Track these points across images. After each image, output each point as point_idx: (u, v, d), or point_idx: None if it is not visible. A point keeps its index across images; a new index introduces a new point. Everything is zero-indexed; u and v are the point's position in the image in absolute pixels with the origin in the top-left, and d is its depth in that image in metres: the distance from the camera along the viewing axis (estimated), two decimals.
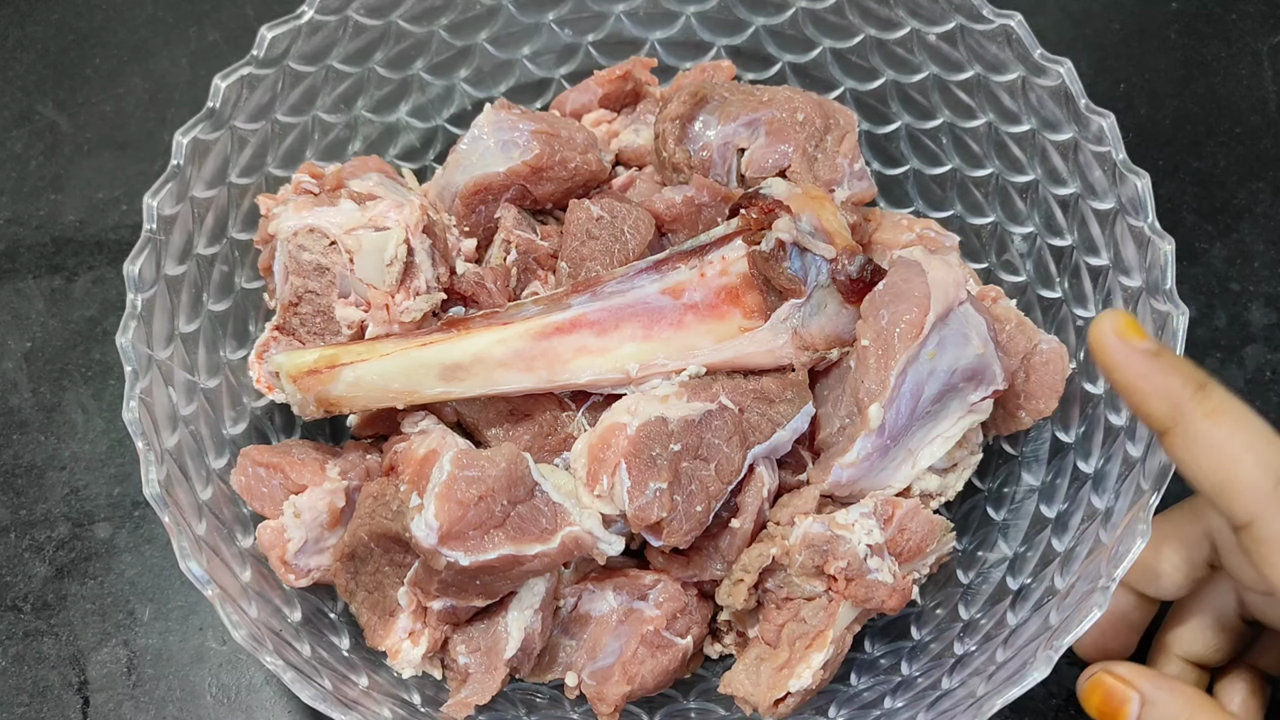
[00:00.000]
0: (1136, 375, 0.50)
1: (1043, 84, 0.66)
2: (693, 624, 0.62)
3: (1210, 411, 0.49)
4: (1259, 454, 0.48)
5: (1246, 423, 0.49)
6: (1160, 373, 0.50)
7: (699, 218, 0.67)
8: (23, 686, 0.71)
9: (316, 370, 0.60)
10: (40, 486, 0.76)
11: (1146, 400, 0.50)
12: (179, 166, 0.63)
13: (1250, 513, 0.47)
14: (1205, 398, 0.49)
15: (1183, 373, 0.50)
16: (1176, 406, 0.49)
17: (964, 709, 0.56)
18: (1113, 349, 0.51)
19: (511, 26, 0.77)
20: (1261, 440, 0.48)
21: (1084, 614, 0.54)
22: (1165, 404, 0.49)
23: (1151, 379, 0.50)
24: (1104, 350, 0.51)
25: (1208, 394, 0.49)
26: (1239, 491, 0.48)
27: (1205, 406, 0.49)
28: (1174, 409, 0.49)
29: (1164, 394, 0.49)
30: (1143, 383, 0.50)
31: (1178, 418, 0.49)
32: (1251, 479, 0.47)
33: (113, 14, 0.91)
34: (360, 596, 0.61)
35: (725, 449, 0.59)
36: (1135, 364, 0.50)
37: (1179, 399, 0.49)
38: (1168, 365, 0.50)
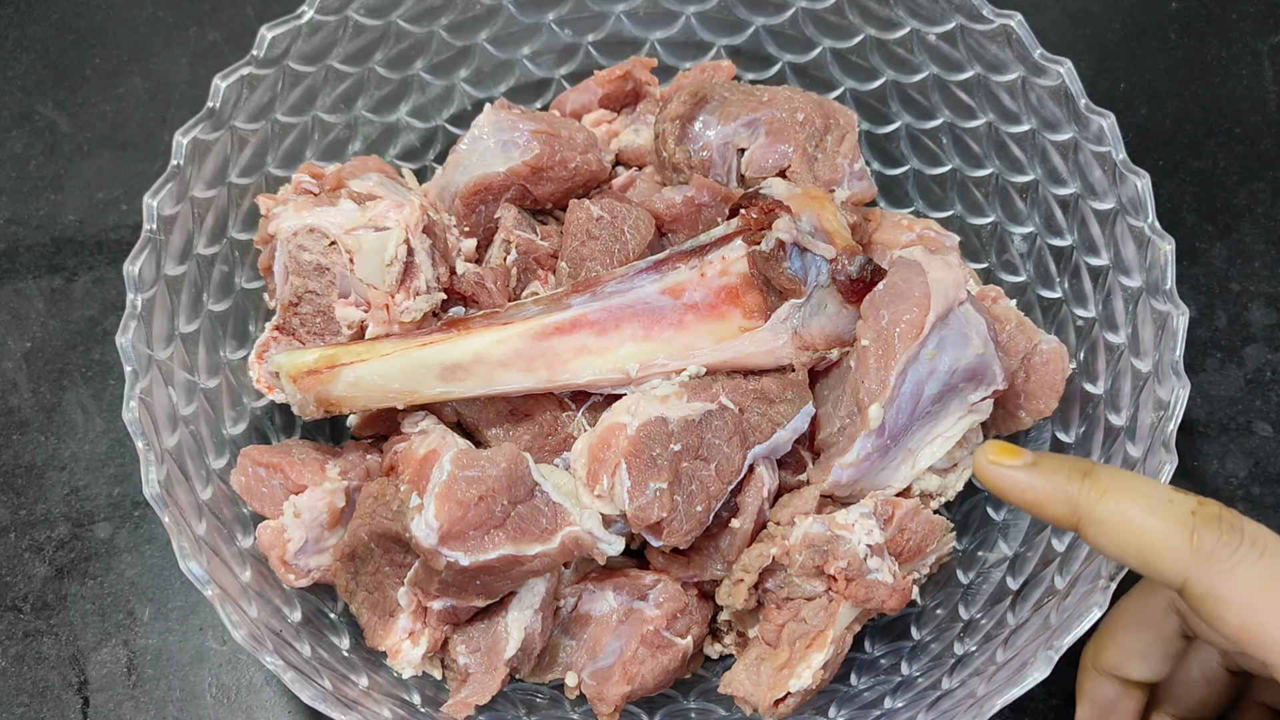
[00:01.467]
0: (1025, 490, 0.51)
1: (1043, 84, 0.66)
2: (693, 624, 0.62)
3: (1103, 493, 0.49)
4: (1162, 513, 0.48)
5: (1139, 488, 0.49)
6: (1044, 479, 0.51)
7: (699, 218, 0.67)
8: (23, 686, 0.71)
9: (316, 370, 0.60)
10: (40, 486, 0.76)
11: (1044, 507, 0.51)
12: (179, 166, 0.63)
13: (1180, 573, 0.47)
14: (1094, 483, 0.49)
15: (1065, 470, 0.51)
16: (1071, 501, 0.50)
17: (964, 709, 0.56)
18: (995, 475, 0.52)
19: (511, 26, 0.77)
20: (1160, 498, 0.48)
21: (1084, 614, 0.54)
22: (1061, 504, 0.50)
23: (1038, 488, 0.51)
24: (989, 480, 0.52)
25: (1095, 478, 0.50)
26: (1160, 556, 0.47)
27: (1096, 490, 0.49)
28: (1070, 505, 0.50)
29: (1056, 496, 0.50)
30: (1033, 494, 0.51)
31: (1078, 512, 0.49)
32: (1168, 541, 0.47)
33: (113, 14, 0.91)
34: (360, 596, 0.61)
35: (725, 449, 0.59)
36: (1018, 481, 0.51)
37: (1070, 493, 0.50)
38: (1048, 469, 0.51)
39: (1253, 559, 0.46)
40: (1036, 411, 0.65)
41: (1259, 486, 0.75)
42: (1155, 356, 0.60)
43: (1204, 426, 0.77)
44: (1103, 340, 0.65)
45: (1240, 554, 0.46)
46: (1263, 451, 0.76)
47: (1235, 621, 0.46)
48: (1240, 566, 0.46)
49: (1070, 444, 0.66)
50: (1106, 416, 0.64)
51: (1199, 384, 0.78)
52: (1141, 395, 0.61)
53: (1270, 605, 0.46)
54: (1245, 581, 0.46)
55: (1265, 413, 0.77)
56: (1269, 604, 0.46)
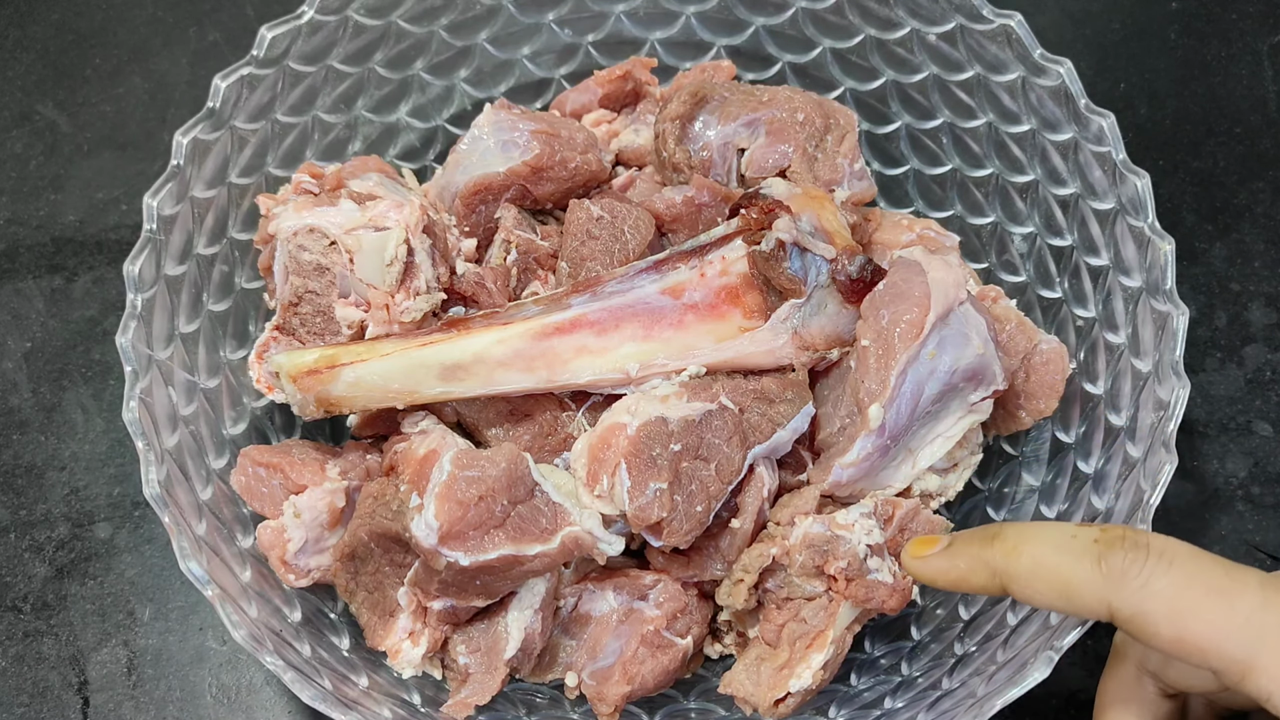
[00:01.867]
0: (946, 571, 0.52)
1: (1043, 84, 0.66)
2: (693, 624, 0.62)
3: (1009, 550, 0.49)
4: (1070, 550, 0.48)
5: (1042, 533, 0.49)
6: (958, 556, 0.52)
7: (699, 218, 0.67)
8: (23, 686, 0.71)
9: (316, 370, 0.60)
10: (40, 486, 0.76)
11: (968, 581, 0.51)
12: (179, 166, 0.63)
13: (1102, 600, 0.47)
14: (1002, 542, 0.50)
15: (974, 541, 0.51)
16: (989, 567, 0.50)
17: (964, 709, 0.56)
18: (919, 569, 0.53)
19: (511, 26, 0.77)
20: (1064, 539, 0.49)
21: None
22: (981, 574, 0.50)
23: (956, 565, 0.52)
24: (916, 574, 0.54)
25: (1003, 538, 0.50)
26: (1078, 590, 0.48)
27: (1006, 547, 0.50)
28: (989, 570, 0.50)
29: (973, 568, 0.51)
30: (956, 573, 0.52)
31: (998, 574, 0.50)
32: (1080, 574, 0.47)
33: (113, 14, 0.91)
34: (360, 596, 0.61)
35: (725, 449, 0.59)
36: (938, 565, 0.52)
37: (985, 560, 0.50)
38: (961, 545, 0.52)
39: (1163, 570, 0.46)
40: (1036, 411, 0.65)
41: (1259, 486, 0.75)
42: (1155, 356, 0.60)
43: (1204, 426, 0.77)
44: (1103, 340, 0.65)
45: (1149, 567, 0.46)
46: (1263, 451, 0.76)
47: (1167, 634, 0.46)
48: (1154, 579, 0.46)
49: (1070, 444, 0.66)
50: (1106, 416, 0.64)
51: (1199, 384, 0.78)
52: (1141, 395, 0.61)
53: (1191, 610, 0.46)
54: (1163, 593, 0.46)
55: (1265, 413, 0.77)
56: (1190, 609, 0.46)
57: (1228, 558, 0.47)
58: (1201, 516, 0.74)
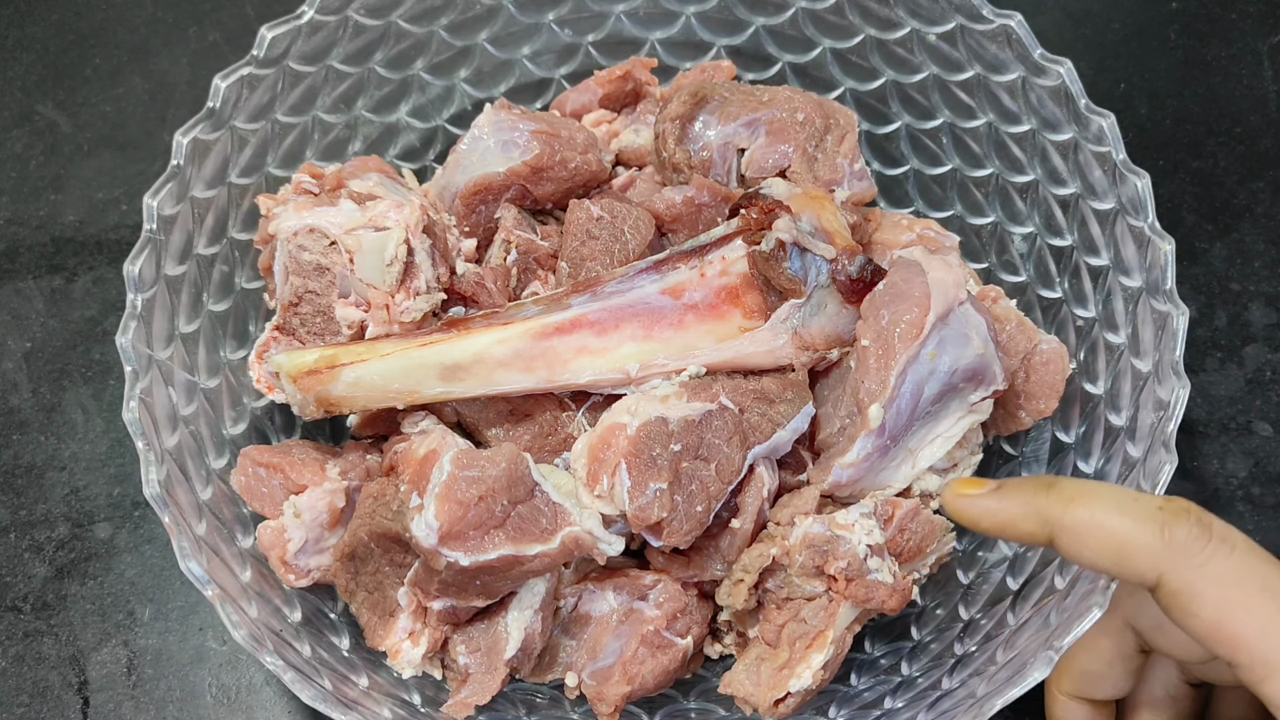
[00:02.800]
0: (995, 513, 0.52)
1: (1043, 84, 0.66)
2: (693, 624, 0.62)
3: (1068, 500, 0.49)
4: (1132, 513, 0.48)
5: (1105, 492, 0.49)
6: (1011, 498, 0.51)
7: (699, 218, 0.67)
8: (23, 686, 0.71)
9: (316, 370, 0.60)
10: (40, 486, 0.76)
11: (1017, 526, 0.51)
12: (179, 166, 0.63)
13: (1155, 569, 0.47)
14: (1059, 492, 0.50)
15: (1028, 487, 0.51)
16: (1041, 515, 0.50)
17: (964, 709, 0.56)
18: (964, 507, 0.53)
19: (511, 26, 0.77)
20: (1127, 500, 0.49)
21: (1084, 614, 0.54)
22: (1033, 519, 0.50)
23: (1008, 509, 0.51)
24: (959, 513, 0.53)
25: (1059, 489, 0.50)
26: (1135, 554, 0.47)
27: (1062, 499, 0.49)
28: (1041, 518, 0.50)
29: (1026, 513, 0.50)
30: (1004, 515, 0.51)
31: (1049, 523, 0.50)
32: (1140, 538, 0.47)
33: (113, 14, 0.91)
34: (360, 596, 0.61)
35: (725, 449, 0.59)
36: (987, 507, 0.52)
37: (1039, 507, 0.50)
38: (1012, 489, 0.52)
39: (1224, 554, 0.46)
40: (1036, 411, 0.65)
41: (1259, 486, 0.75)
42: (1155, 356, 0.60)
43: (1204, 426, 0.77)
44: (1103, 340, 0.65)
45: (1211, 548, 0.46)
46: (1263, 451, 0.76)
47: (1208, 617, 0.46)
48: (1213, 561, 0.46)
49: (1070, 444, 0.66)
50: (1106, 416, 0.64)
51: (1199, 384, 0.78)
52: (1141, 395, 0.61)
53: (1241, 601, 0.46)
54: (1218, 576, 0.46)
55: (1265, 413, 0.77)
56: (1240, 600, 0.46)
57: None
58: None
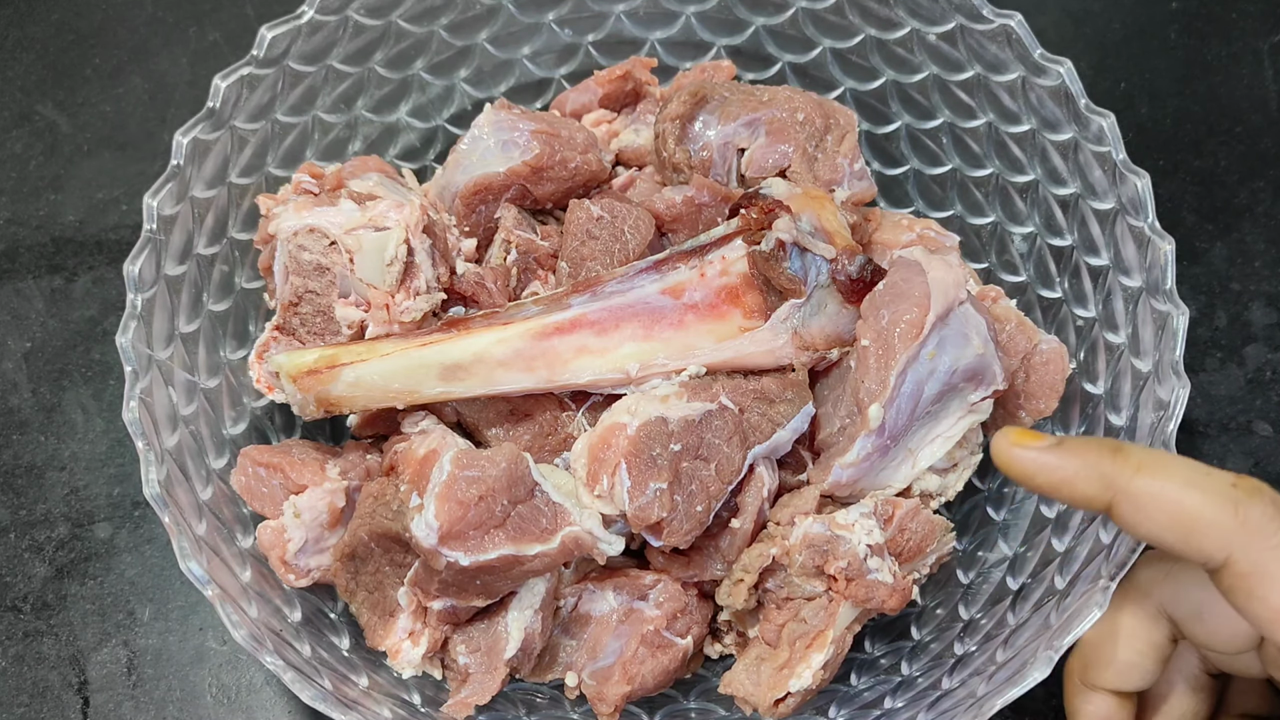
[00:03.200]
0: (1053, 469, 0.49)
1: (1043, 84, 0.66)
2: (693, 624, 0.62)
3: (1138, 467, 0.47)
4: (1205, 488, 0.46)
5: (1175, 463, 0.48)
6: (1074, 456, 0.49)
7: (699, 218, 0.67)
8: (23, 686, 0.71)
9: (316, 370, 0.60)
10: (40, 486, 0.76)
11: (1075, 487, 0.49)
12: (179, 166, 0.63)
13: (1225, 548, 0.45)
14: (1126, 458, 0.48)
15: (1094, 447, 0.49)
16: (1105, 478, 0.48)
17: (964, 709, 0.56)
18: (1019, 459, 0.50)
19: (511, 26, 0.77)
20: (1199, 475, 0.47)
21: (1084, 614, 0.54)
22: (1094, 482, 0.48)
23: (1068, 466, 0.49)
24: (1013, 464, 0.51)
25: (1127, 454, 0.48)
26: (1205, 531, 0.46)
27: (1130, 466, 0.48)
28: (1104, 481, 0.48)
29: (1088, 473, 0.48)
30: (1063, 474, 0.49)
31: (1113, 487, 0.48)
32: (1211, 514, 0.46)
33: (113, 14, 0.91)
34: (360, 596, 0.61)
35: (725, 449, 0.59)
36: (1046, 463, 0.50)
37: (1104, 470, 0.48)
38: (1077, 448, 0.49)
39: None
40: (1036, 411, 0.65)
41: None
42: (1155, 356, 0.60)
43: (1204, 426, 0.77)
44: (1103, 340, 0.65)
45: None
46: (1263, 451, 0.76)
47: (1276, 602, 0.44)
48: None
49: None
50: (1106, 416, 0.64)
51: (1199, 384, 0.78)
52: (1141, 395, 0.61)
53: None
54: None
55: (1265, 413, 0.77)
56: None
57: None
58: None
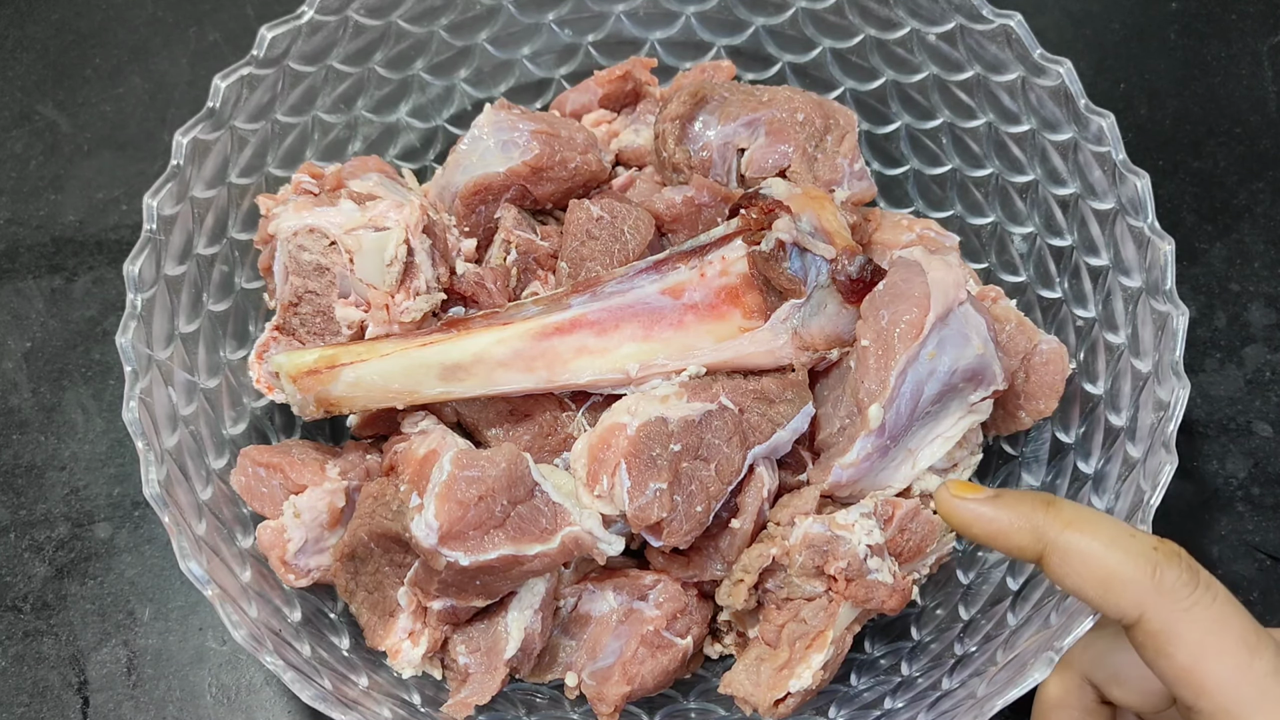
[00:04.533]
0: (989, 520, 0.52)
1: (1043, 84, 0.66)
2: (693, 624, 0.62)
3: (1067, 523, 0.50)
4: (1126, 547, 0.49)
5: (1102, 522, 0.50)
6: (1008, 509, 0.52)
7: (699, 218, 0.67)
8: (23, 686, 0.71)
9: (316, 370, 0.60)
10: (40, 486, 0.76)
11: (1009, 538, 0.51)
12: (179, 166, 0.63)
13: (1139, 605, 0.48)
14: (1057, 513, 0.50)
15: (1028, 501, 0.51)
16: (1035, 530, 0.50)
17: (964, 709, 0.56)
18: (958, 510, 0.53)
19: (511, 26, 0.77)
20: (1123, 534, 0.49)
21: (1084, 614, 0.54)
22: (1025, 534, 0.51)
23: (1003, 519, 0.52)
24: (953, 515, 0.53)
25: (1058, 509, 0.50)
26: (1122, 589, 0.48)
27: (1061, 520, 0.50)
28: (1034, 534, 0.50)
29: (1020, 525, 0.51)
30: (997, 525, 0.52)
31: (1043, 540, 0.50)
32: (1130, 573, 0.48)
33: (113, 14, 0.91)
34: (360, 596, 0.61)
35: (725, 449, 0.59)
36: (982, 514, 0.52)
37: (1035, 523, 0.50)
38: (1011, 500, 0.52)
39: (1208, 601, 0.47)
40: (1036, 411, 0.65)
41: (1259, 487, 0.75)
42: (1155, 357, 0.60)
43: (1204, 426, 0.77)
44: (1103, 340, 0.65)
45: (1197, 595, 0.47)
46: (1263, 451, 0.76)
47: (1182, 661, 0.47)
48: (1197, 607, 0.47)
49: (1070, 444, 0.66)
50: (1106, 417, 0.64)
51: (1199, 384, 0.78)
52: (1141, 395, 0.61)
53: (1216, 649, 0.47)
54: (1199, 622, 0.47)
55: (1265, 413, 0.77)
56: (1215, 647, 0.47)
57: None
58: (1201, 517, 0.74)
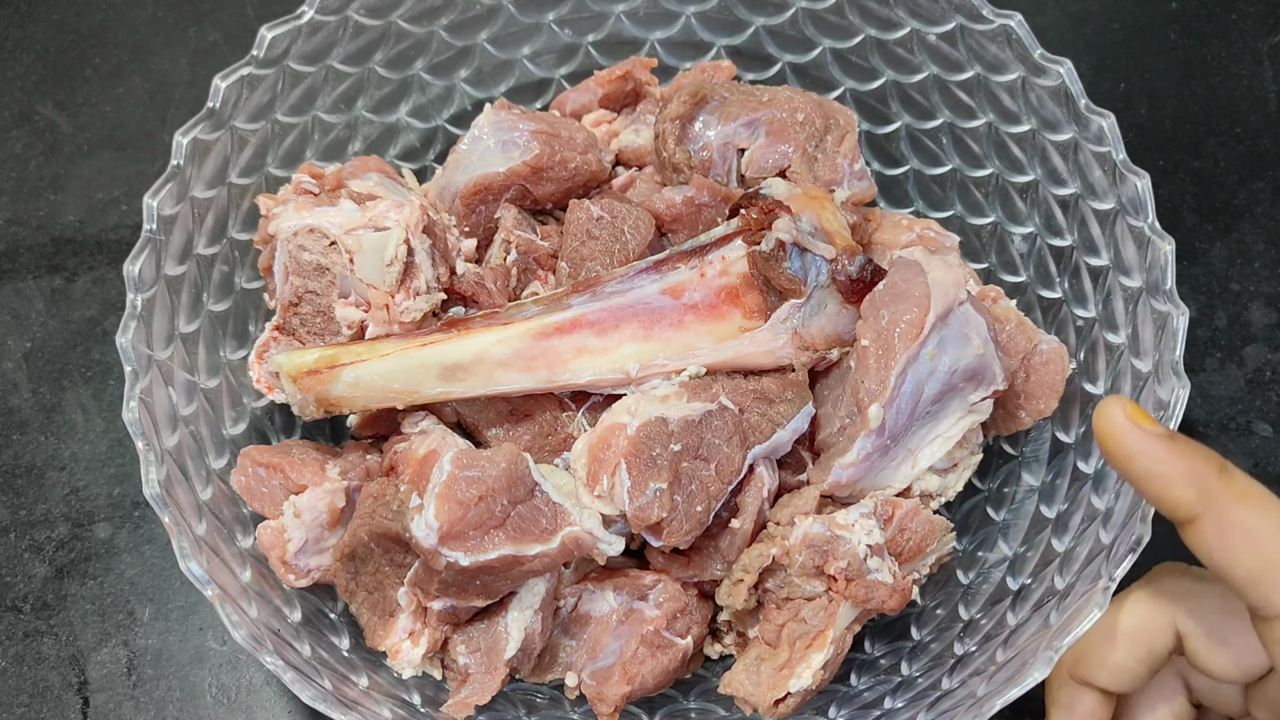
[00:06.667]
0: (1157, 461, 0.46)
1: (1043, 84, 0.66)
2: (693, 624, 0.62)
3: (1239, 495, 0.45)
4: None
5: (1271, 501, 0.46)
6: (1182, 456, 0.46)
7: (699, 218, 0.67)
8: (23, 686, 0.71)
9: (316, 370, 0.60)
10: (40, 486, 0.76)
11: (1170, 487, 0.46)
12: (179, 166, 0.63)
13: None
14: (1230, 480, 0.46)
15: (1203, 455, 0.46)
16: (1204, 491, 0.45)
17: (964, 709, 0.56)
18: (1128, 436, 0.47)
19: (511, 26, 0.77)
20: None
21: (1084, 614, 0.54)
22: (1191, 489, 0.45)
23: (1173, 463, 0.46)
24: (1118, 437, 0.47)
25: (1232, 476, 0.46)
26: (1276, 579, 0.44)
27: (1233, 489, 0.45)
28: (1202, 494, 0.45)
29: (1189, 479, 0.46)
30: (1165, 468, 0.46)
31: (1208, 504, 0.45)
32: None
33: (113, 14, 0.91)
34: (360, 596, 0.61)
35: (725, 449, 0.59)
36: (1154, 449, 0.46)
37: (1206, 483, 0.45)
38: (1190, 449, 0.46)
39: None
40: (1036, 411, 0.65)
41: None
42: (1155, 356, 0.60)
43: (1204, 426, 0.77)
44: (1103, 340, 0.65)
45: None
46: (1263, 451, 0.76)
47: None
48: None
49: (1070, 444, 0.66)
50: None
51: (1199, 384, 0.78)
52: (1141, 395, 0.61)
53: None
54: None
55: (1265, 413, 0.77)
56: None
57: None
58: None
